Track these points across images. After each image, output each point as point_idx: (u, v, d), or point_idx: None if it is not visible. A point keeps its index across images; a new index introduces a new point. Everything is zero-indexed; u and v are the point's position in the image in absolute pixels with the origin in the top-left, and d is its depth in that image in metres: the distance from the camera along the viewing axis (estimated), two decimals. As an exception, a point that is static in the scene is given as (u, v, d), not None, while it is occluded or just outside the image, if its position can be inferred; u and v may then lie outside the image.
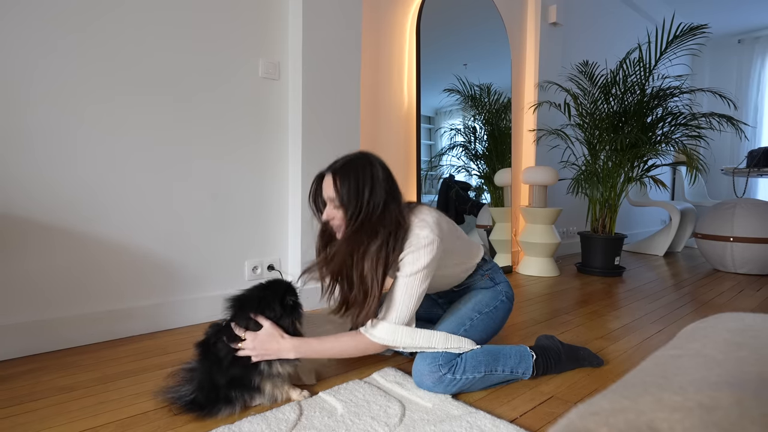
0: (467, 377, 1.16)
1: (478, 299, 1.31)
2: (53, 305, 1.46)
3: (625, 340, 1.67)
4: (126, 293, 1.60)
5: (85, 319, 1.51)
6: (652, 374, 0.38)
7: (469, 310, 1.28)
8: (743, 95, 5.42)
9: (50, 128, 1.43)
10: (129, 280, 1.60)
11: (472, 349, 1.20)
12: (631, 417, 0.29)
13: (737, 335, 0.47)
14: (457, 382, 1.16)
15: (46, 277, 1.44)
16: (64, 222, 1.47)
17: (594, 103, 2.93)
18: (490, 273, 1.38)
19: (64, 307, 1.48)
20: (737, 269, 3.05)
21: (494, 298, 1.33)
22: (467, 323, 1.25)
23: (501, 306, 1.33)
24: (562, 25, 3.40)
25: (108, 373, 1.30)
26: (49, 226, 1.44)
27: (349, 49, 2.05)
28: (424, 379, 1.17)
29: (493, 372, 1.20)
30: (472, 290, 1.36)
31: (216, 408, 1.06)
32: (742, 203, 3.07)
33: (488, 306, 1.30)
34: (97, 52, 1.50)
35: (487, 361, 1.20)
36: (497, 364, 1.22)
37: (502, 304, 1.34)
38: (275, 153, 1.96)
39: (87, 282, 1.52)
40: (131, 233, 1.60)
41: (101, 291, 1.55)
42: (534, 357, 1.27)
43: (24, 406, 1.10)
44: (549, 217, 2.85)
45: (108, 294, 1.56)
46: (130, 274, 1.61)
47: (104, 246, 1.55)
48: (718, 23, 5.18)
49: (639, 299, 2.30)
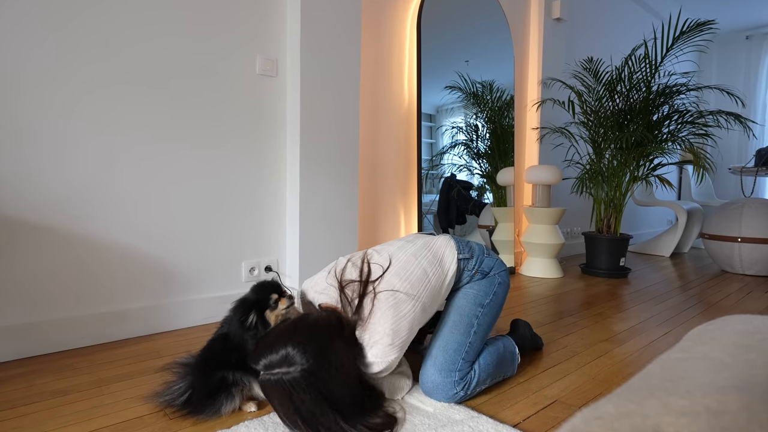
0: (476, 390, 1.19)
1: (476, 290, 1.28)
2: (46, 307, 1.45)
3: (630, 342, 1.65)
4: (120, 295, 1.59)
5: (79, 322, 1.50)
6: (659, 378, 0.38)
7: (472, 307, 1.25)
8: (751, 92, 5.35)
9: (40, 125, 1.41)
10: (124, 281, 1.59)
11: (483, 358, 1.22)
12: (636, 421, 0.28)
13: (745, 338, 0.46)
14: (466, 396, 1.17)
15: (38, 279, 1.43)
16: (56, 222, 1.45)
17: (599, 101, 2.90)
18: (477, 267, 1.30)
19: (58, 310, 1.47)
20: (745, 270, 3.01)
21: (490, 286, 1.29)
22: (474, 324, 1.23)
23: (499, 290, 1.30)
24: (566, 21, 3.37)
25: (103, 377, 1.28)
26: (40, 227, 1.43)
27: (349, 45, 2.03)
28: (436, 392, 1.15)
29: (495, 379, 1.25)
30: (466, 286, 1.31)
31: (218, 401, 1.06)
32: (750, 203, 3.03)
33: (487, 296, 1.28)
34: (90, 48, 1.48)
35: (494, 372, 1.23)
36: (500, 371, 1.25)
37: (499, 287, 1.30)
38: (273, 152, 1.94)
39: (80, 284, 1.51)
40: (125, 234, 1.59)
41: (95, 293, 1.54)
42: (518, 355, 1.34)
43: (17, 410, 1.09)
44: (553, 217, 2.82)
45: (102, 296, 1.55)
46: (124, 275, 1.59)
47: (98, 247, 1.53)
48: (725, 19, 5.12)
49: (645, 301, 2.27)
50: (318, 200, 1.97)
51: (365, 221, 2.34)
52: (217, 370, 1.08)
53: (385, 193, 2.42)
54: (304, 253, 1.94)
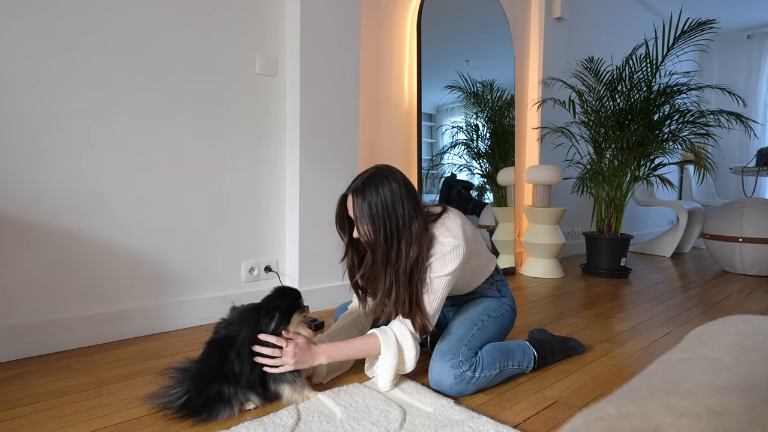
0: (485, 375, 1.20)
1: (486, 305, 1.37)
2: (44, 307, 1.44)
3: (631, 343, 1.64)
4: (119, 295, 1.58)
5: (76, 322, 1.49)
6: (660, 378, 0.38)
7: (479, 313, 1.34)
8: (752, 92, 5.34)
9: (36, 123, 1.41)
10: (122, 281, 1.59)
11: (486, 347, 1.25)
12: (637, 422, 0.28)
13: (747, 338, 0.46)
14: (477, 380, 1.19)
15: (36, 279, 1.43)
16: (56, 223, 1.45)
17: (599, 100, 2.89)
18: (498, 284, 1.43)
19: (56, 310, 1.46)
20: (746, 270, 3.01)
21: (500, 306, 1.39)
22: (478, 323, 1.30)
23: (506, 314, 1.39)
24: (566, 20, 3.37)
25: (101, 377, 1.28)
26: (38, 227, 1.42)
27: (348, 44, 2.03)
28: (445, 378, 1.18)
29: (506, 368, 1.26)
30: (480, 297, 1.42)
31: (215, 410, 1.04)
32: (751, 203, 3.02)
33: (495, 312, 1.36)
34: (89, 46, 1.48)
35: (500, 357, 1.25)
36: (508, 359, 1.27)
37: (507, 312, 1.39)
38: (272, 151, 1.94)
39: (79, 284, 1.50)
40: (125, 234, 1.58)
41: (94, 293, 1.53)
42: (534, 351, 1.34)
43: (15, 410, 1.09)
44: (553, 217, 2.82)
45: (101, 296, 1.55)
46: (123, 275, 1.59)
47: (97, 247, 1.53)
48: (726, 18, 5.11)
49: (646, 301, 2.27)
50: (318, 200, 1.96)
51: (365, 221, 2.34)
52: (214, 382, 1.06)
53: (385, 193, 2.42)
54: (303, 254, 1.93)
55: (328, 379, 1.27)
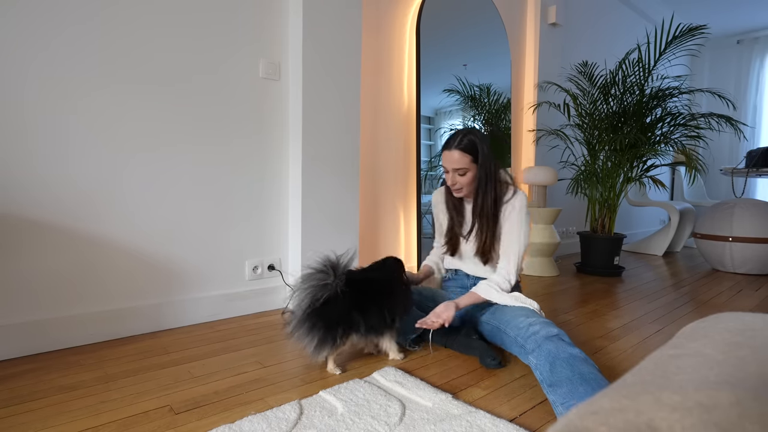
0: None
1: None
2: (54, 305, 1.46)
3: (624, 339, 1.68)
4: (127, 293, 1.60)
5: (85, 319, 1.51)
6: (652, 374, 0.38)
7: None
8: (742, 95, 5.42)
9: (47, 127, 1.43)
10: (130, 279, 1.61)
11: None
12: (630, 416, 0.29)
13: (737, 335, 0.46)
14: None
15: (46, 277, 1.44)
16: (65, 222, 1.47)
17: (593, 104, 2.93)
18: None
19: (65, 307, 1.48)
20: (736, 269, 3.05)
21: None
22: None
23: None
24: (561, 26, 3.41)
25: (109, 373, 1.30)
26: (48, 226, 1.44)
27: (350, 49, 2.06)
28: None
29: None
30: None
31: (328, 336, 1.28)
32: (741, 203, 3.07)
33: None
34: (95, 51, 1.50)
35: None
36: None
37: None
38: (276, 153, 1.96)
39: (87, 282, 1.52)
40: (132, 233, 1.60)
41: (102, 291, 1.55)
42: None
43: (25, 405, 1.11)
44: (548, 217, 2.86)
45: (109, 294, 1.57)
46: (130, 273, 1.61)
47: (104, 246, 1.55)
48: (717, 24, 5.19)
49: (638, 299, 2.31)
50: (320, 201, 1.99)
51: (366, 221, 2.37)
52: (338, 324, 1.28)
53: (385, 194, 2.45)
54: (306, 252, 1.96)
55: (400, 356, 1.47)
